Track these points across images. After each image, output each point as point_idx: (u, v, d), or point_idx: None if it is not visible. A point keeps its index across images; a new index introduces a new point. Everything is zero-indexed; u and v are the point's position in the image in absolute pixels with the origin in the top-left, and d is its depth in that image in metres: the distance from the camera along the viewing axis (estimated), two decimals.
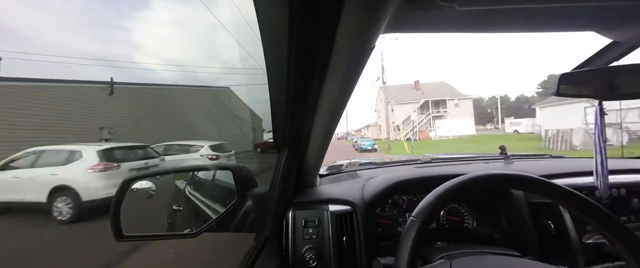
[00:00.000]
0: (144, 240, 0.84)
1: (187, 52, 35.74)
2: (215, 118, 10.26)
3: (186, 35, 37.60)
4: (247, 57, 2.56)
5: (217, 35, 10.13)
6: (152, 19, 36.38)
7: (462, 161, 1.32)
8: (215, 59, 31.44)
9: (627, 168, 0.95)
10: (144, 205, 0.94)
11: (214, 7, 10.27)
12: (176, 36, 35.59)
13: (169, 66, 17.34)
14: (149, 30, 32.05)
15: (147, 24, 31.75)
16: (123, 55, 23.42)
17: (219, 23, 10.89)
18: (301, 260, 0.73)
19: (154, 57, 26.26)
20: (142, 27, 30.72)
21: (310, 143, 0.77)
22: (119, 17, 24.86)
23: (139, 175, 0.88)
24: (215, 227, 0.86)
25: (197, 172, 1.49)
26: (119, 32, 24.16)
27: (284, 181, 0.81)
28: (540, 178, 0.53)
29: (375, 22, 0.34)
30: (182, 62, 25.66)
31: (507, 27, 0.46)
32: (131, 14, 31.93)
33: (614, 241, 0.48)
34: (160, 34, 31.60)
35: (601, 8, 0.40)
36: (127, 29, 27.20)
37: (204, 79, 14.92)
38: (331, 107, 0.59)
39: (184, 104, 8.42)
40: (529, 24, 0.46)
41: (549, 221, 0.79)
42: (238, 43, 2.70)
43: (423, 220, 0.48)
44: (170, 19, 40.98)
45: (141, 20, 31.76)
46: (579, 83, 0.63)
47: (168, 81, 12.53)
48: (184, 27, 36.92)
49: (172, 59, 29.07)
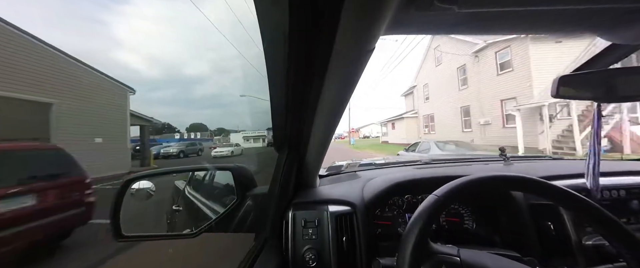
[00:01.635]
0: (144, 240, 0.84)
1: (183, 52, 35.80)
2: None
3: (183, 34, 37.67)
4: (247, 57, 2.53)
5: (216, 35, 10.26)
6: (139, 14, 36.34)
7: (462, 162, 1.32)
8: (215, 58, 31.47)
9: (626, 170, 0.96)
10: (144, 205, 0.94)
11: (214, 6, 10.38)
12: (174, 35, 35.68)
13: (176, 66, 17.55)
14: (147, 28, 32.07)
15: (134, 18, 31.71)
16: (103, 50, 22.89)
17: (218, 23, 11.05)
18: (301, 261, 0.73)
19: (148, 57, 26.28)
20: (126, 21, 30.66)
21: (310, 143, 0.77)
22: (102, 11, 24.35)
23: (139, 175, 0.88)
24: (215, 227, 0.86)
25: (196, 172, 1.49)
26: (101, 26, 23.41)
27: (284, 182, 0.82)
28: (539, 180, 0.53)
29: (375, 24, 0.34)
30: (181, 62, 25.70)
31: (506, 29, 0.46)
32: (113, 7, 31.84)
33: (614, 242, 0.48)
34: (158, 31, 31.65)
35: (601, 10, 0.40)
36: (106, 23, 26.81)
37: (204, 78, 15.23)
38: (331, 108, 0.60)
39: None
40: (529, 26, 0.46)
41: (549, 222, 0.79)
42: (237, 43, 2.68)
43: (423, 224, 0.48)
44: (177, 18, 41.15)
45: (126, 14, 31.71)
46: (578, 85, 0.63)
47: (168, 81, 13.20)
48: (183, 26, 37.02)
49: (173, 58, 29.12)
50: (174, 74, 64.63)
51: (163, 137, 12.45)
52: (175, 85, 72.96)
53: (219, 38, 9.45)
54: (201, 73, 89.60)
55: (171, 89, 65.46)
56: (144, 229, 0.91)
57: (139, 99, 6.24)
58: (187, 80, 73.85)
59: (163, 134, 14.53)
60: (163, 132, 15.16)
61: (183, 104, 64.56)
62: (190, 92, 74.82)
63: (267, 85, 0.57)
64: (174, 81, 70.68)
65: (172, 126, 17.30)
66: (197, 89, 73.45)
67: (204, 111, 65.80)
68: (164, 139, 11.77)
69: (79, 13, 16.39)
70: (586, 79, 0.63)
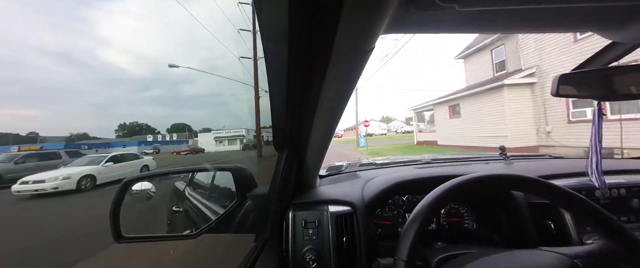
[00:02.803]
0: (144, 241, 0.83)
1: (181, 51, 35.98)
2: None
3: (182, 34, 37.88)
4: (236, 55, 2.52)
5: (217, 35, 9.95)
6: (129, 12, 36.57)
7: (462, 161, 1.32)
8: (215, 58, 31.63)
9: (626, 168, 0.96)
10: (144, 206, 0.94)
11: (217, 5, 10.36)
12: (172, 35, 35.84)
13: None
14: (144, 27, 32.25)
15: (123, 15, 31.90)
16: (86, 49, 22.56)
17: (219, 23, 11.01)
18: (301, 261, 0.72)
19: (142, 56, 26.23)
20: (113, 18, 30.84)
21: (310, 143, 0.77)
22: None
23: (139, 176, 0.88)
24: (215, 228, 0.86)
25: (196, 173, 1.49)
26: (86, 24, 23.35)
27: (284, 182, 0.81)
28: (538, 179, 0.53)
29: (375, 23, 0.34)
30: (178, 61, 25.79)
31: (507, 28, 0.46)
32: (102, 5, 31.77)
33: (613, 242, 0.48)
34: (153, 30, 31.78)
35: (601, 8, 0.40)
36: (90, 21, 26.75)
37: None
38: (331, 107, 0.60)
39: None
40: (529, 24, 0.46)
41: (549, 221, 0.79)
42: (236, 43, 2.67)
43: (421, 222, 0.48)
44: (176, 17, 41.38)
45: (112, 11, 31.84)
46: (578, 84, 0.63)
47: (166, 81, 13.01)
48: (181, 26, 37.20)
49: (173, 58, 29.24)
50: (161, 73, 64.86)
51: (133, 139, 12.14)
52: (162, 84, 73.34)
53: (207, 35, 9.45)
54: (188, 72, 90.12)
55: (158, 88, 65.73)
56: (144, 230, 0.91)
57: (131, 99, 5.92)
58: (176, 79, 74.23)
59: (134, 137, 14.39)
60: (143, 133, 14.95)
61: (170, 103, 64.82)
62: (178, 92, 75.16)
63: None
64: (160, 79, 71.03)
65: (150, 127, 17.19)
66: (185, 89, 73.71)
67: (190, 111, 66.24)
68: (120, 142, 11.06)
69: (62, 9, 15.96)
70: (586, 78, 0.63)
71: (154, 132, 17.57)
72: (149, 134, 15.33)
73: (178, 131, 18.75)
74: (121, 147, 8.60)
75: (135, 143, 12.69)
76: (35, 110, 72.32)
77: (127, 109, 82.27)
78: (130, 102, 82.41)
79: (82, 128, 36.58)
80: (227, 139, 14.50)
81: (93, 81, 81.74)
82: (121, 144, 9.86)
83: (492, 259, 0.49)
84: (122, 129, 24.09)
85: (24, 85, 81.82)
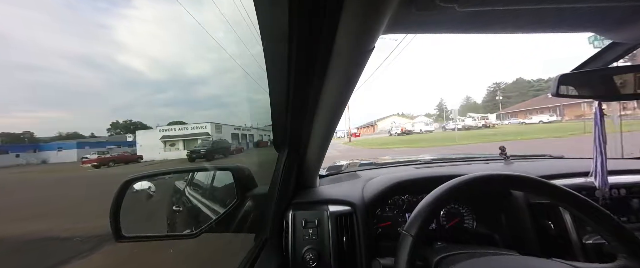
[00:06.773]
0: (144, 240, 0.84)
1: (180, 52, 35.72)
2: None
3: (180, 33, 37.68)
4: (247, 57, 2.51)
5: (216, 34, 9.87)
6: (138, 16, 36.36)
7: (462, 161, 1.32)
8: (216, 59, 31.43)
9: (626, 168, 0.95)
10: (144, 205, 0.94)
11: (216, 5, 10.23)
12: (171, 34, 35.67)
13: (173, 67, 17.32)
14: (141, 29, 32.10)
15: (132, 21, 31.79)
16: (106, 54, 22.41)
17: (218, 23, 10.91)
18: (301, 261, 0.72)
19: (143, 57, 26.03)
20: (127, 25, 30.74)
21: (310, 143, 0.77)
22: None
23: (139, 176, 0.88)
24: (215, 228, 0.86)
25: (196, 173, 1.49)
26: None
27: (284, 182, 0.81)
28: (538, 179, 0.53)
29: (375, 23, 0.34)
30: (177, 61, 25.55)
31: (507, 28, 0.46)
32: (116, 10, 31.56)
33: (613, 241, 0.48)
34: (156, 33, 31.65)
35: (601, 9, 0.40)
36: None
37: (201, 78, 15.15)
38: (331, 107, 0.60)
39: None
40: (529, 25, 0.46)
41: (549, 221, 0.79)
42: (234, 43, 2.65)
43: (420, 225, 0.48)
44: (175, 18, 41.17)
45: (126, 16, 31.68)
46: (578, 84, 0.63)
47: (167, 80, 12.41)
48: (179, 25, 37.02)
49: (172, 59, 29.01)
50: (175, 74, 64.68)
51: (74, 140, 10.68)
52: (174, 86, 73.14)
53: (218, 38, 9.23)
54: (200, 74, 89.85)
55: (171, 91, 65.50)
56: (144, 229, 0.91)
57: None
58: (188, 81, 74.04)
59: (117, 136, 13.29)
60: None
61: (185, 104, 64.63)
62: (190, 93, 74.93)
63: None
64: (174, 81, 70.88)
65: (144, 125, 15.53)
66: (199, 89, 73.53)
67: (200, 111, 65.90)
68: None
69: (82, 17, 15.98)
70: (586, 78, 0.63)
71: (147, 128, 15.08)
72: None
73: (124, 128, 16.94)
74: (55, 151, 7.13)
75: (73, 144, 10.07)
76: (61, 112, 71.90)
77: (142, 110, 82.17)
78: (145, 103, 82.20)
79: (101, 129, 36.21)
80: (183, 140, 10.19)
81: (112, 84, 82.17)
82: (55, 147, 8.23)
83: (497, 260, 0.48)
84: (114, 128, 23.11)
85: (55, 88, 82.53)
